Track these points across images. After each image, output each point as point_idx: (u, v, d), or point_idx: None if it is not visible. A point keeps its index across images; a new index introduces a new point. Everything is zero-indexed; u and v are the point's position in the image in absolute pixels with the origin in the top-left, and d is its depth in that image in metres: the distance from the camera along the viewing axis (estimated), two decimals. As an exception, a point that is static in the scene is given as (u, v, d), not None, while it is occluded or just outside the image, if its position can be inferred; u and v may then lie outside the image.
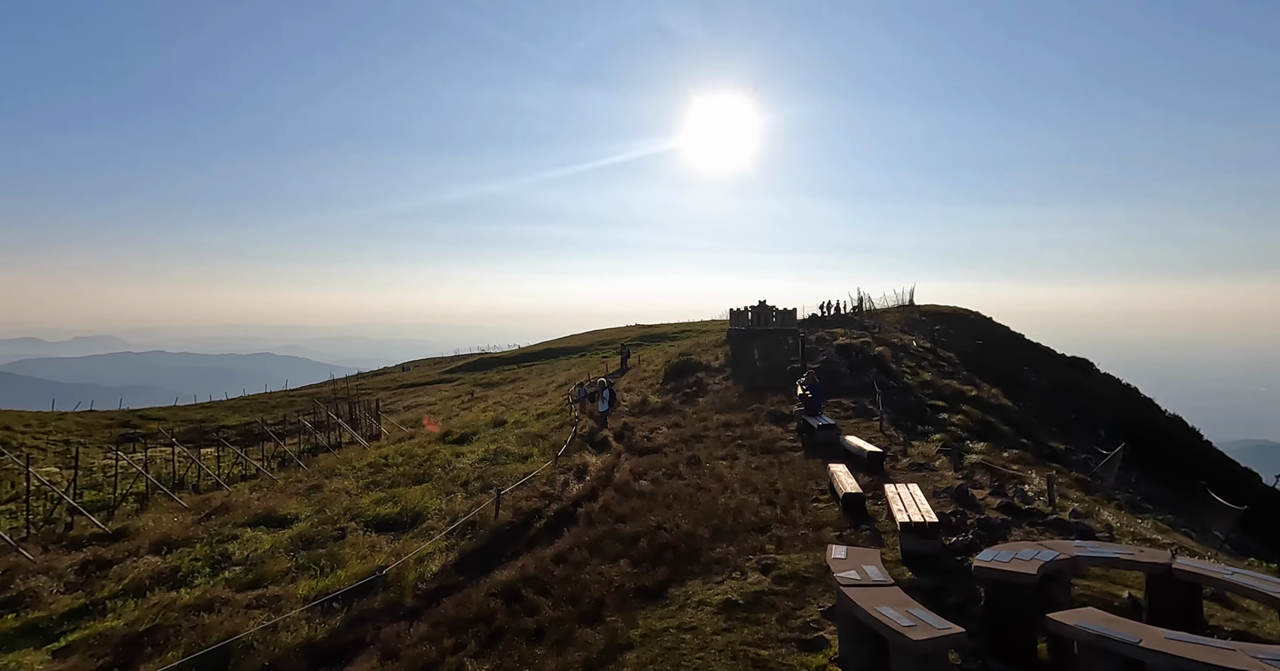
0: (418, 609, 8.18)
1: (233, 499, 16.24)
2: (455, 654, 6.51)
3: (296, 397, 54.34)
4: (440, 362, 77.60)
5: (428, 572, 9.25)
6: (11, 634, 8.81)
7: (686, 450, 14.88)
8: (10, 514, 16.53)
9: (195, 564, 11.15)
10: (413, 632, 7.25)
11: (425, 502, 13.39)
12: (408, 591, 8.69)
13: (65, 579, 10.87)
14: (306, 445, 27.65)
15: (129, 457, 21.40)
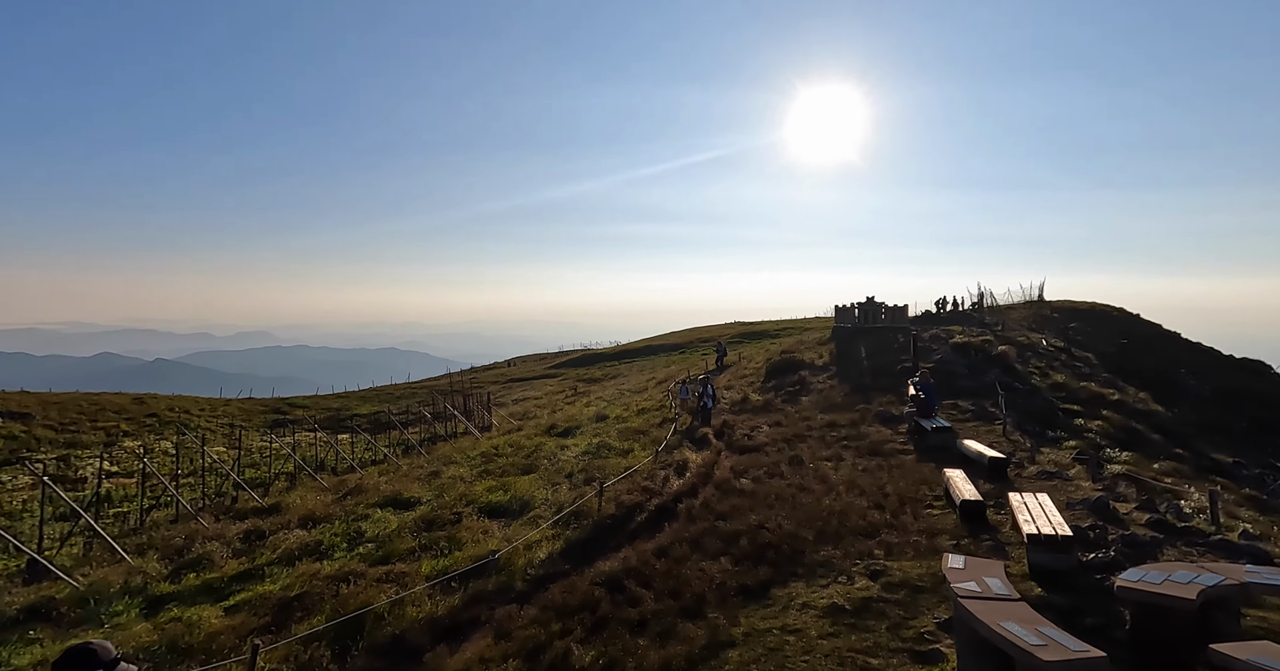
0: (527, 593, 8.59)
1: (364, 481, 17.79)
2: (562, 638, 6.78)
3: (418, 389, 58.59)
4: (545, 358, 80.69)
5: (536, 559, 9.68)
6: (193, 590, 10.19)
7: (789, 449, 14.55)
8: (190, 486, 19.06)
9: (334, 539, 12.33)
10: (523, 615, 7.63)
11: (533, 492, 14.00)
12: (518, 575, 9.14)
13: (233, 545, 12.42)
14: (426, 434, 29.75)
15: (280, 441, 24.00)
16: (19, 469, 24.50)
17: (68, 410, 37.30)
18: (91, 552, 12.72)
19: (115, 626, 9.04)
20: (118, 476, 22.25)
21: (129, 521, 15.67)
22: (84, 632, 8.94)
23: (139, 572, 10.94)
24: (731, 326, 74.88)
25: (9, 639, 8.92)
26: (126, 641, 8.10)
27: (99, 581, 10.59)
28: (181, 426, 37.77)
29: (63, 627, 9.27)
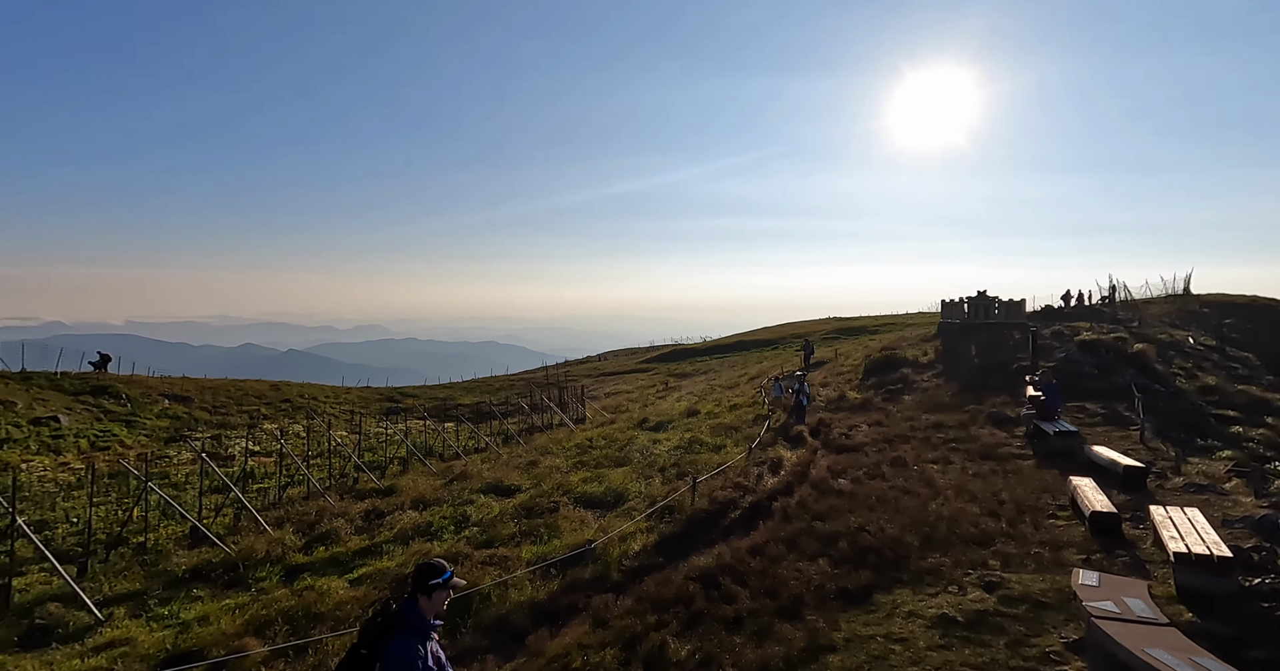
0: (622, 583, 8.74)
1: (469, 468, 18.79)
2: (658, 630, 6.84)
3: (515, 381, 61.06)
4: (636, 353, 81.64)
5: (630, 550, 9.84)
6: (322, 562, 11.20)
7: (890, 450, 13.91)
8: (318, 466, 20.92)
9: (443, 521, 13.11)
10: (619, 605, 7.77)
11: (626, 485, 14.23)
12: (613, 566, 9.33)
13: (355, 523, 13.51)
14: (524, 424, 30.96)
15: (393, 428, 25.81)
16: (183, 445, 27.88)
17: (219, 394, 41.99)
18: (240, 523, 14.26)
19: (260, 590, 10.09)
20: (259, 455, 24.81)
21: (268, 496, 17.41)
22: (236, 594, 10.05)
23: (278, 543, 12.14)
24: (827, 322, 72.41)
25: (176, 595, 10.19)
26: (269, 604, 9.02)
27: (246, 549, 11.85)
28: (310, 411, 41.52)
29: (219, 587, 10.47)
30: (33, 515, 15.60)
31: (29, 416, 30.46)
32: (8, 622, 9.17)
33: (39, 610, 9.46)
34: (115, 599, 10.10)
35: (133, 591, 10.47)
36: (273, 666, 7.28)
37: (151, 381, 41.96)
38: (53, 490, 19.38)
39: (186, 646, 7.93)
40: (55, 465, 24.16)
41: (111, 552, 12.64)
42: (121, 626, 8.95)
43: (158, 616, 9.38)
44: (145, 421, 34.53)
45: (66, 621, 9.14)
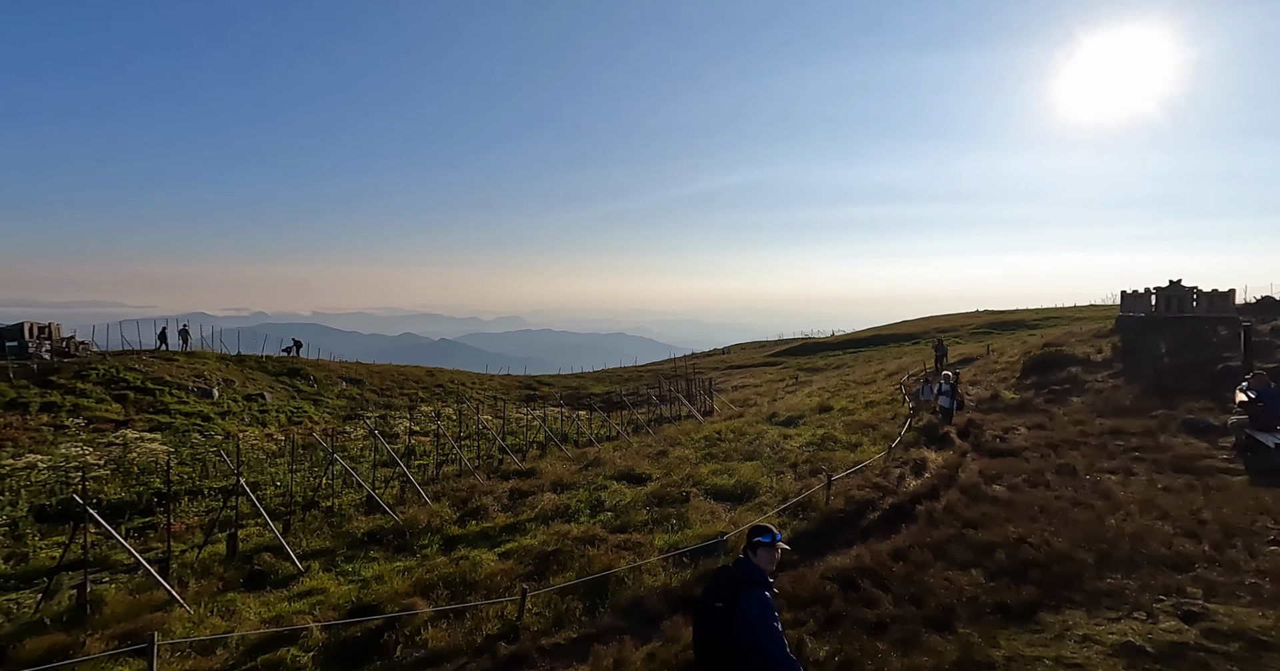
0: (755, 577, 8.70)
1: (601, 455, 19.53)
2: (794, 628, 6.73)
3: (643, 372, 62.38)
4: (764, 346, 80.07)
5: (763, 545, 9.74)
6: (474, 535, 12.23)
7: (1055, 457, 12.55)
8: (467, 447, 22.80)
9: (579, 504, 13.77)
10: (751, 598, 7.74)
11: (756, 479, 14.07)
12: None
13: (501, 501, 14.59)
14: (653, 415, 31.58)
15: (532, 414, 27.43)
16: (357, 423, 31.60)
17: (385, 378, 47.00)
18: (405, 495, 15.93)
19: (424, 556, 11.23)
20: (418, 434, 27.52)
21: (427, 472, 19.28)
22: (404, 558, 11.27)
23: (437, 515, 13.41)
24: (976, 316, 66.51)
25: (357, 555, 11.62)
26: (432, 569, 10.01)
27: (411, 518, 13.22)
28: (459, 396, 45.26)
29: (390, 551, 11.79)
30: (249, 477, 18.47)
31: (243, 393, 36.02)
32: (234, 566, 10.98)
33: (256, 558, 11.21)
34: (310, 554, 11.71)
35: (324, 548, 12.08)
36: (437, 625, 8.07)
37: (332, 365, 47.91)
38: (261, 457, 22.80)
39: (368, 600, 9.03)
40: (262, 435, 28.42)
41: (307, 513, 14.66)
42: (317, 578, 10.36)
43: (344, 572, 10.76)
44: (328, 400, 39.57)
45: (276, 569, 10.76)
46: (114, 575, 11.36)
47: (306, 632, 8.00)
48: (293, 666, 7.41)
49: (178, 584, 9.87)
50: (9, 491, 17.26)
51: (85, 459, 20.59)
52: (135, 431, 25.89)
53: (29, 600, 10.07)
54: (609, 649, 7.04)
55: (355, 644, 7.88)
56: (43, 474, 19.21)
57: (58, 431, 25.41)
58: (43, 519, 15.35)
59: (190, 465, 20.93)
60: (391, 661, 7.48)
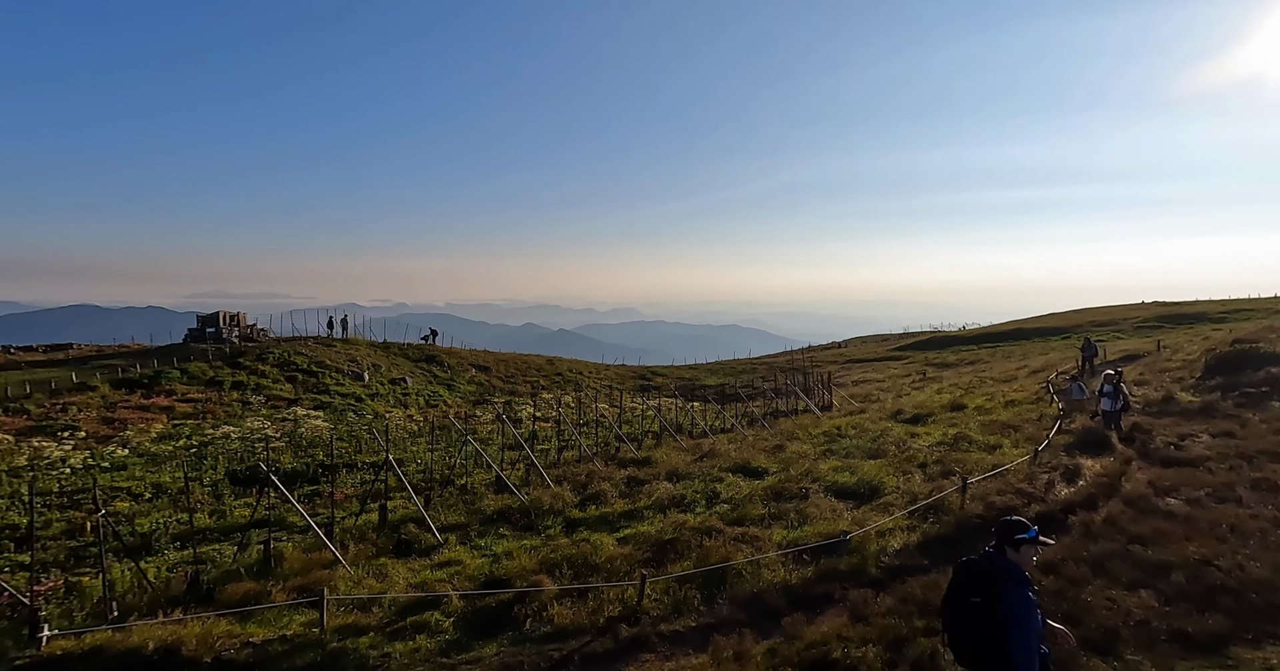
0: (881, 580, 8.32)
1: (716, 447, 19.49)
2: (927, 637, 6.37)
3: (757, 365, 61.32)
4: (887, 339, 75.86)
5: (889, 547, 9.29)
6: (594, 519, 12.70)
7: (1249, 469, 10.86)
8: (585, 434, 23.65)
9: (695, 495, 13.85)
10: (879, 602, 7.42)
11: (881, 478, 13.41)
12: (870, 561, 8.91)
13: (619, 487, 15.01)
14: (768, 408, 31.01)
15: (647, 404, 27.89)
16: (485, 407, 33.76)
17: (509, 366, 49.80)
18: (530, 477, 16.85)
19: (548, 536, 11.83)
20: (539, 420, 28.94)
21: (548, 456, 20.25)
22: (530, 536, 11.94)
23: (559, 498, 14.06)
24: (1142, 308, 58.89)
25: (488, 531, 12.47)
26: (556, 549, 10.52)
27: (535, 499, 13.97)
28: (577, 384, 46.97)
29: (517, 529, 12.54)
30: (394, 454, 20.36)
31: (388, 377, 39.66)
32: (385, 534, 12.18)
33: (403, 528, 12.37)
34: (448, 527, 12.72)
35: (459, 523, 13.07)
36: (562, 603, 8.48)
37: (463, 353, 51.50)
38: (404, 436, 25.03)
39: (499, 574, 9.66)
40: (404, 417, 31.18)
41: (444, 490, 15.93)
42: (454, 550, 11.25)
43: (477, 546, 11.59)
44: (459, 385, 42.62)
45: (419, 539, 11.80)
46: (290, 535, 13.00)
47: (447, 599, 8.72)
48: (436, 629, 8.10)
49: (340, 546, 11.11)
50: (210, 457, 20.25)
51: (265, 432, 23.69)
52: (303, 409, 29.40)
53: (228, 551, 11.79)
54: (729, 641, 7.05)
55: (489, 613, 8.47)
56: (234, 443, 22.36)
57: (244, 407, 29.43)
58: (235, 482, 17.87)
59: (347, 441, 23.42)
60: (522, 633, 7.97)
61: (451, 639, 7.91)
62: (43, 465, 18.99)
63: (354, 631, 8.03)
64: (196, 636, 7.60)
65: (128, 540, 12.41)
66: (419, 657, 7.49)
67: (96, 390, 28.94)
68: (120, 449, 21.28)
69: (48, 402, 26.69)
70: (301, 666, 7.30)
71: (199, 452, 20.89)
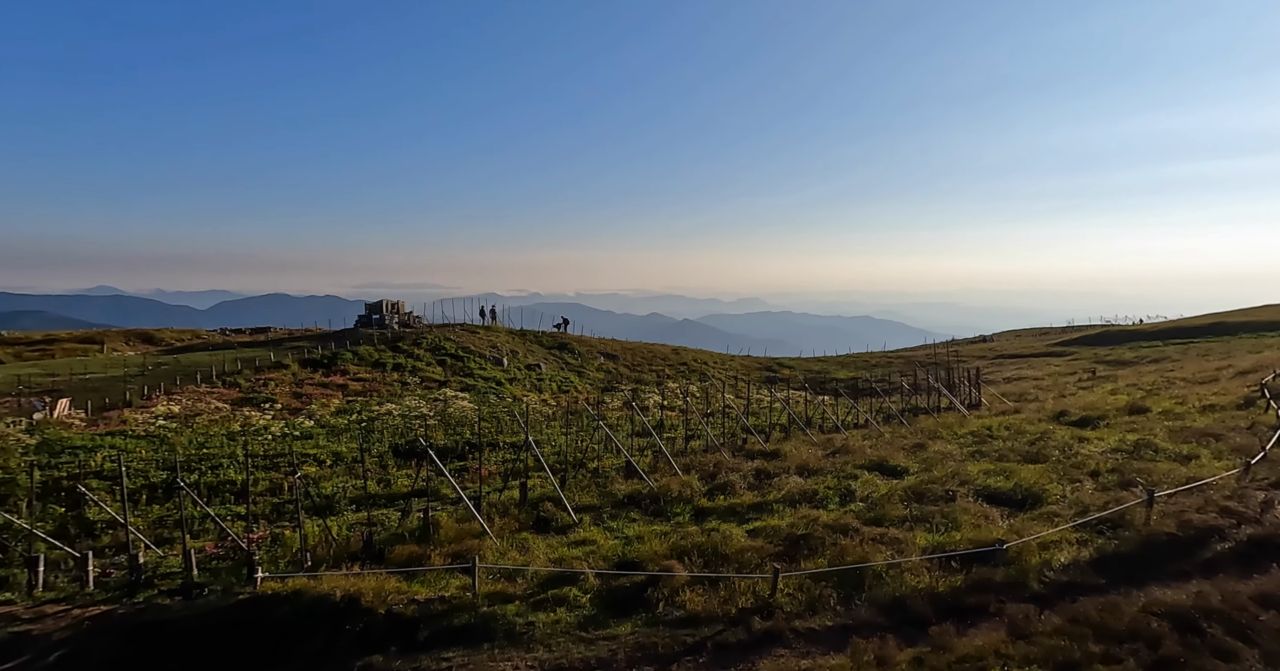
0: (1045, 597, 7.55)
1: (850, 443, 18.64)
2: (1106, 663, 5.69)
3: (893, 359, 57.79)
4: (1046, 333, 68.37)
5: (1055, 561, 8.39)
6: (722, 510, 12.68)
7: None
8: (711, 424, 23.64)
9: (827, 491, 13.36)
10: (1044, 620, 6.74)
11: (1043, 484, 12.13)
12: (1031, 574, 8.11)
13: (747, 479, 14.85)
14: (905, 404, 29.12)
15: (776, 396, 27.30)
16: (613, 394, 34.79)
17: (636, 355, 50.90)
18: (658, 464, 17.15)
19: (677, 523, 11.99)
20: (665, 409, 29.33)
21: (675, 445, 20.47)
22: (660, 522, 12.17)
23: (687, 486, 14.18)
24: (1396, 291, 48.15)
25: (619, 514, 12.88)
26: (685, 536, 10.64)
27: (664, 486, 14.19)
28: (702, 374, 47.02)
29: (647, 514, 12.83)
30: (531, 436, 21.61)
31: (524, 363, 42.10)
32: (525, 510, 12.99)
33: (541, 506, 13.11)
34: (581, 508, 13.30)
35: (591, 504, 13.62)
36: (693, 589, 8.58)
37: (592, 341, 53.39)
38: (540, 419, 26.47)
39: (631, 556, 9.96)
40: (539, 401, 32.98)
41: (577, 471, 16.67)
42: (588, 530, 11.75)
43: (609, 527, 12.02)
44: (589, 372, 44.27)
45: (556, 518, 12.46)
46: (443, 505, 14.25)
47: (584, 577, 9.13)
48: (575, 604, 8.52)
49: (486, 519, 12.00)
50: (377, 431, 22.71)
51: (421, 410, 26.12)
52: (451, 390, 32.06)
53: (392, 517, 13.17)
54: (869, 644, 6.76)
55: (623, 593, 8.76)
56: (395, 419, 24.89)
57: (403, 387, 32.65)
58: (396, 454, 19.89)
59: (489, 422, 25.22)
60: (654, 615, 8.16)
61: (589, 614, 8.29)
62: (251, 432, 22.32)
63: (501, 598, 8.66)
64: (372, 589, 8.59)
65: (316, 501, 14.27)
66: (559, 629, 7.92)
67: (288, 368, 33.48)
68: (307, 420, 24.49)
69: (253, 378, 31.31)
70: (458, 626, 8.01)
71: (367, 427, 23.49)
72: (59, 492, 14.91)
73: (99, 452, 18.58)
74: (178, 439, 20.97)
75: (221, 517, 12.58)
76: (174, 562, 10.83)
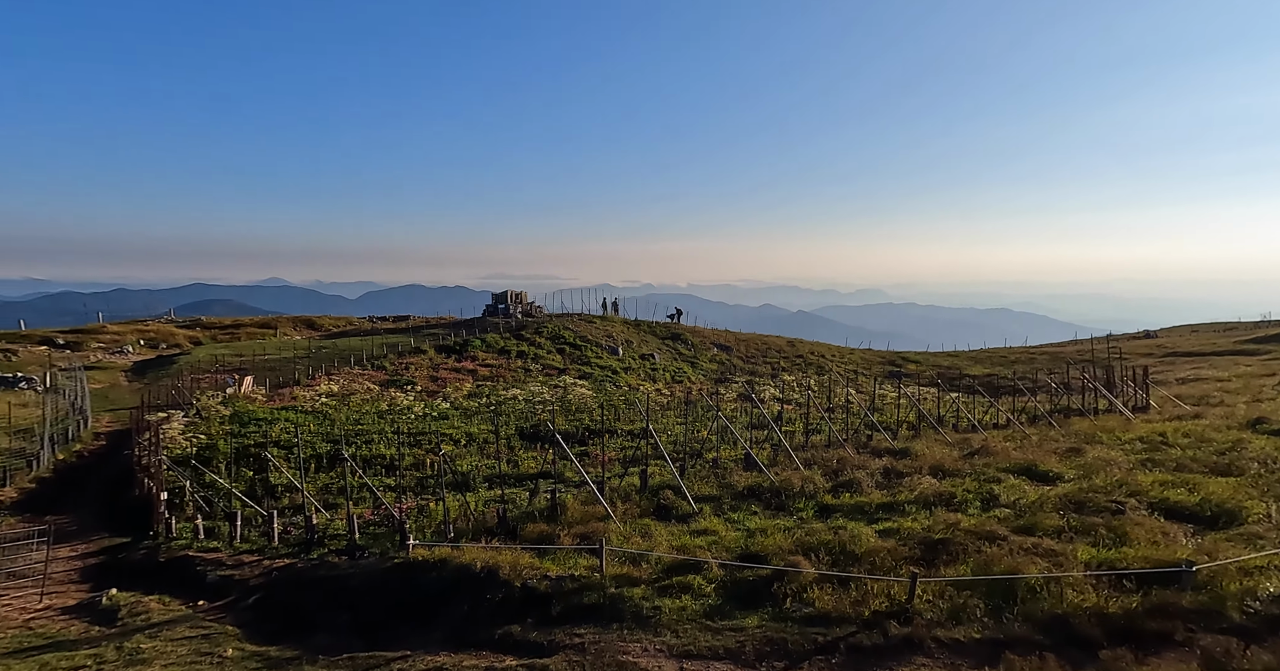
0: (1250, 629, 6.51)
1: (989, 444, 17.18)
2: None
3: (1036, 355, 52.70)
4: (1233, 329, 59.37)
5: (1261, 590, 7.21)
6: (848, 508, 12.16)
7: None
8: (833, 419, 22.76)
9: (966, 495, 12.39)
10: (1249, 656, 5.82)
11: (1239, 501, 10.50)
12: (1229, 602, 7.03)
13: (875, 477, 14.13)
14: (1054, 405, 26.40)
15: (903, 391, 25.76)
16: (727, 385, 34.45)
17: (749, 346, 50.13)
18: (777, 457, 16.78)
19: (800, 519, 11.66)
20: (781, 402, 28.62)
21: (794, 439, 19.92)
22: (782, 517, 11.90)
23: (809, 481, 13.74)
24: None
25: (739, 506, 12.74)
26: (811, 533, 10.31)
27: (785, 480, 13.85)
28: (819, 368, 45.42)
29: (767, 508, 12.59)
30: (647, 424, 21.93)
31: (638, 353, 42.80)
32: (645, 497, 13.21)
33: (660, 493, 13.27)
34: (700, 498, 13.29)
35: (710, 495, 13.57)
36: (821, 587, 8.29)
37: (705, 332, 53.21)
38: (655, 408, 26.80)
39: (754, 549, 9.80)
40: (654, 390, 33.39)
41: (695, 461, 16.69)
42: (709, 520, 11.72)
43: (730, 519, 11.92)
44: (701, 363, 44.20)
45: (676, 506, 12.55)
46: (566, 488, 14.84)
47: (707, 566, 9.11)
48: (699, 592, 8.53)
49: (609, 504, 12.33)
50: (504, 414, 24.07)
51: (543, 395, 27.33)
52: (570, 378, 33.27)
53: (522, 496, 13.90)
54: (1025, 662, 6.19)
55: (747, 586, 8.65)
56: (519, 404, 26.24)
57: (526, 373, 34.36)
58: (522, 437, 20.99)
59: (606, 409, 25.93)
60: (781, 610, 7.98)
61: (713, 604, 8.27)
62: (396, 411, 24.49)
63: (627, 581, 8.85)
64: (508, 563, 9.10)
65: (454, 477, 15.38)
66: (685, 616, 7.97)
67: (425, 353, 36.33)
68: (443, 402, 26.47)
69: (396, 362, 34.30)
70: (588, 605, 8.29)
71: (496, 410, 24.96)
72: (248, 458, 17.20)
73: (276, 425, 21.19)
74: (337, 415, 23.44)
75: (375, 488, 13.91)
76: (339, 526, 12.14)
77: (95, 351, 39.91)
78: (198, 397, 24.91)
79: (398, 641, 8.22)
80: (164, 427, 17.42)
